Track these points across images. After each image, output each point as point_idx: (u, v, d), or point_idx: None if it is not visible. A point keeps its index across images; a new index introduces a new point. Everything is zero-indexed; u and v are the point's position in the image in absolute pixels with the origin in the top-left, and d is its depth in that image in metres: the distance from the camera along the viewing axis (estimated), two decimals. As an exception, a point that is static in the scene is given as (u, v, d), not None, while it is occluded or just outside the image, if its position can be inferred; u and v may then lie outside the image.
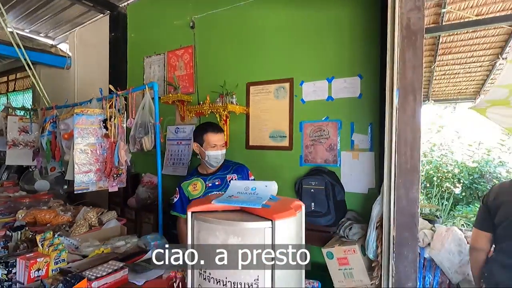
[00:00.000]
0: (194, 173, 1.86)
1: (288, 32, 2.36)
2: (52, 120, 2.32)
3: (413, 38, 1.34)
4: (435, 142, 4.28)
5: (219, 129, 1.80)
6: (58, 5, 3.50)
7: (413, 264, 1.33)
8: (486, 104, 2.44)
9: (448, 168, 4.11)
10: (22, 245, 1.46)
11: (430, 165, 4.30)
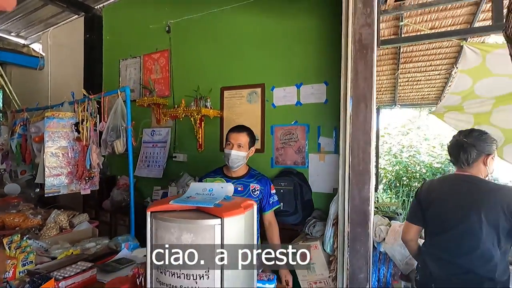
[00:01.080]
0: (219, 172, 1.79)
1: (260, 40, 2.46)
2: (23, 123, 2.30)
3: (364, 52, 1.47)
4: (404, 144, 4.55)
5: (241, 129, 1.71)
6: (30, 5, 3.44)
7: (365, 257, 1.46)
8: (444, 109, 2.65)
9: (416, 168, 4.36)
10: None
11: (400, 166, 4.55)
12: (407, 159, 4.42)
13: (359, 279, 1.46)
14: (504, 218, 1.14)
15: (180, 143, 2.86)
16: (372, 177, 1.47)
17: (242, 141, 1.64)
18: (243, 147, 1.64)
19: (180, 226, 0.82)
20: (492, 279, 1.13)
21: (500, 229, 1.14)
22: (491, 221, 1.15)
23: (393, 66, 2.89)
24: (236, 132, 1.67)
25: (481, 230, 1.16)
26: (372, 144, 1.47)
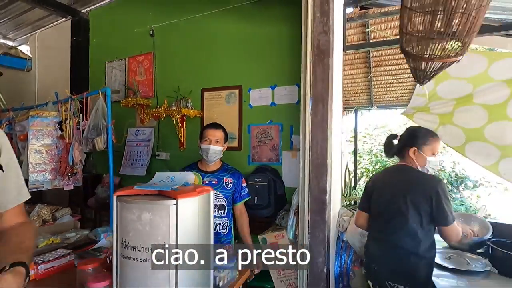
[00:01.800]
0: (194, 167, 1.91)
1: (238, 44, 2.61)
2: (8, 122, 2.39)
3: (321, 56, 1.62)
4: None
5: (216, 126, 1.87)
6: (18, 8, 3.52)
7: (323, 242, 1.60)
8: (413, 110, 2.83)
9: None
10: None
11: (380, 165, 4.73)
12: (386, 159, 4.61)
13: (318, 262, 1.60)
14: (425, 203, 1.32)
15: (163, 142, 2.98)
16: (330, 170, 1.62)
17: (219, 137, 1.80)
18: (219, 142, 1.80)
19: (140, 206, 0.95)
20: (417, 254, 1.31)
21: (422, 212, 1.32)
22: (415, 204, 1.33)
23: (365, 69, 3.06)
24: (213, 129, 1.83)
25: (407, 212, 1.33)
26: (329, 140, 1.62)
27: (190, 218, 0.99)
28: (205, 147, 1.77)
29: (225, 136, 1.88)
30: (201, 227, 1.03)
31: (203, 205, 1.05)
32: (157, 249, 0.93)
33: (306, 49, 1.63)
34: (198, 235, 1.02)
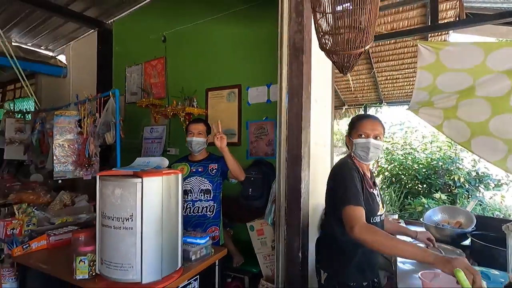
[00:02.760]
0: (184, 159, 2.13)
1: (237, 46, 2.78)
2: (41, 121, 2.79)
3: (296, 54, 1.72)
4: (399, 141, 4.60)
5: (198, 121, 2.09)
6: (55, 22, 4.03)
7: (297, 229, 1.69)
8: (417, 105, 2.80)
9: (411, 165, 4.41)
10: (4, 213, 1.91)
11: (395, 163, 4.61)
12: (403, 157, 4.47)
13: (294, 247, 1.70)
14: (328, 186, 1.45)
15: (173, 138, 3.24)
16: (305, 161, 1.71)
17: (200, 129, 2.01)
18: (201, 134, 2.01)
19: (114, 183, 1.16)
20: (332, 238, 1.42)
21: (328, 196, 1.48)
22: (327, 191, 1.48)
23: (367, 65, 3.06)
24: (195, 124, 2.04)
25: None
26: (305, 133, 1.72)
27: (154, 194, 1.17)
28: (189, 139, 1.98)
29: (207, 129, 2.07)
30: (165, 203, 1.21)
31: (169, 184, 1.23)
32: (125, 219, 1.13)
33: (282, 48, 1.75)
34: (162, 210, 1.20)
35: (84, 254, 1.25)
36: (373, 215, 1.37)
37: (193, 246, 1.44)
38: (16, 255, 1.50)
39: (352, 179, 1.30)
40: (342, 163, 1.43)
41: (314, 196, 1.89)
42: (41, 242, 1.59)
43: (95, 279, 1.22)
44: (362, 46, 0.89)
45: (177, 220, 1.28)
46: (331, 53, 0.99)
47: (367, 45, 0.89)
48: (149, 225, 1.15)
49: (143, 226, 1.13)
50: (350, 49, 0.89)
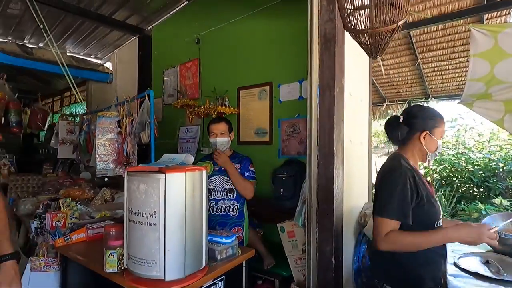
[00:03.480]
0: (208, 157, 2.11)
1: (268, 42, 2.72)
2: (87, 123, 3.01)
3: (328, 44, 1.60)
4: (450, 140, 4.14)
5: (219, 120, 2.03)
6: (101, 32, 4.35)
7: (331, 231, 1.57)
8: (471, 98, 2.50)
9: (464, 166, 3.95)
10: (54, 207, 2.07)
11: (446, 164, 4.17)
12: (454, 157, 4.01)
13: (326, 252, 1.58)
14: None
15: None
16: (338, 159, 1.59)
17: (222, 129, 1.97)
18: (224, 134, 1.97)
19: (138, 178, 1.16)
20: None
21: None
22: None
23: (411, 56, 2.79)
24: (216, 123, 2.00)
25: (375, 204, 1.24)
26: (338, 129, 1.59)
27: (177, 191, 1.15)
28: (213, 140, 1.96)
29: (228, 127, 2.01)
30: (189, 199, 1.19)
31: (192, 181, 1.20)
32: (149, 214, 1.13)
33: (312, 39, 1.65)
34: (185, 207, 1.18)
35: (114, 248, 1.28)
36: (438, 218, 1.22)
37: (218, 245, 1.41)
38: (58, 246, 1.61)
39: (402, 190, 1.14)
40: (394, 167, 1.21)
41: (349, 197, 1.76)
42: (80, 235, 1.68)
43: (123, 273, 1.25)
44: (395, 21, 0.76)
45: (201, 218, 1.25)
46: (358, 33, 0.87)
47: (400, 20, 0.77)
48: (172, 222, 1.14)
49: (166, 222, 1.12)
50: (380, 26, 0.77)
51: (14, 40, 4.34)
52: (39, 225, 1.88)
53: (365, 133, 2.03)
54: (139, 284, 1.15)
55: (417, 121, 1.26)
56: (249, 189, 1.93)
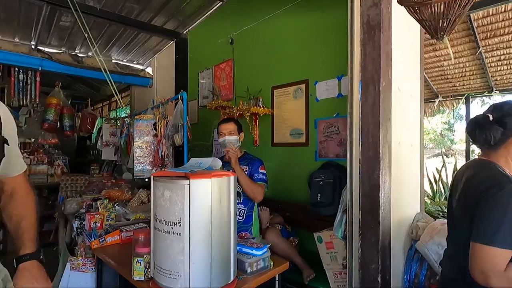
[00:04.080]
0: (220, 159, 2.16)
1: (303, 38, 2.56)
2: (127, 126, 3.12)
3: (372, 33, 1.41)
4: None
5: (227, 120, 2.04)
6: (142, 38, 4.53)
7: (376, 247, 1.37)
8: None
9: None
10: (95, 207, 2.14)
11: None
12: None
13: (371, 269, 1.39)
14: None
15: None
16: (385, 163, 1.38)
17: (231, 128, 1.96)
18: (233, 133, 1.95)
19: (163, 184, 1.10)
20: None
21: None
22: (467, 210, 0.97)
23: (471, 44, 2.41)
24: (225, 123, 1.99)
25: (464, 220, 0.97)
26: (384, 129, 1.39)
27: (203, 198, 1.07)
28: (221, 139, 1.94)
29: (237, 127, 1.99)
30: (215, 207, 1.10)
31: (219, 187, 1.11)
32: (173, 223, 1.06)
33: (353, 28, 1.46)
34: (211, 215, 1.08)
35: (141, 255, 1.24)
36: None
37: (249, 256, 1.30)
38: (94, 248, 1.63)
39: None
40: (500, 182, 0.93)
41: (397, 207, 1.54)
42: (114, 237, 1.70)
43: (149, 282, 1.20)
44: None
45: (229, 227, 1.15)
46: (418, 6, 0.69)
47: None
48: (198, 232, 1.05)
49: (190, 232, 1.04)
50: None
51: (67, 50, 4.71)
52: (79, 225, 1.95)
53: (416, 133, 1.78)
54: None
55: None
56: (257, 192, 1.84)
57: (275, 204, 2.54)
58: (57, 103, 4.31)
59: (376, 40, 1.39)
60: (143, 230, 1.37)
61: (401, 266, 1.59)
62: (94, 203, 2.33)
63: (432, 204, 2.09)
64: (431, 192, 2.56)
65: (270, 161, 2.87)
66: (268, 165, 2.88)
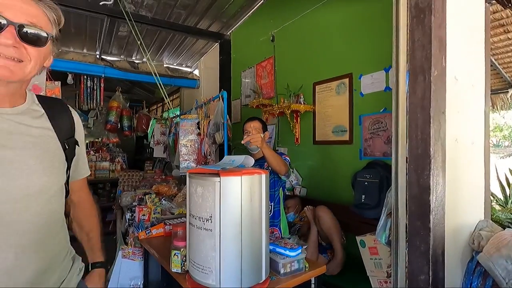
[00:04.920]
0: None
1: (346, 30, 2.42)
2: (175, 125, 3.31)
3: (421, 16, 1.25)
4: None
5: (252, 119, 2.08)
6: (189, 42, 4.77)
7: (426, 256, 1.22)
8: None
9: None
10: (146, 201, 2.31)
11: None
12: None
13: (420, 281, 1.24)
14: None
15: (282, 138, 3.18)
16: (435, 162, 1.22)
17: (256, 126, 1.99)
18: (258, 131, 1.97)
19: (196, 181, 1.13)
20: None
21: None
22: None
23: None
24: (249, 122, 2.03)
25: None
26: (434, 123, 1.23)
27: (233, 195, 1.07)
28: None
29: (262, 126, 2.04)
30: (245, 205, 1.09)
31: (250, 186, 1.10)
32: (205, 219, 1.08)
33: (399, 12, 1.32)
34: (241, 214, 1.08)
35: (178, 248, 1.29)
36: None
37: (282, 257, 1.26)
38: (141, 238, 1.76)
39: None
40: None
41: (454, 212, 1.35)
42: (159, 230, 1.80)
43: (185, 275, 1.24)
44: None
45: (261, 226, 1.14)
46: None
47: None
48: (228, 229, 1.06)
49: (221, 229, 1.05)
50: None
51: (125, 58, 5.19)
52: (131, 217, 2.12)
53: (479, 129, 1.54)
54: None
55: None
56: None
57: (316, 204, 2.45)
58: (117, 106, 4.77)
59: (426, 25, 1.24)
60: (181, 224, 1.42)
61: (458, 280, 1.40)
62: (144, 197, 2.52)
63: (502, 211, 1.81)
64: (503, 197, 2.23)
65: (312, 160, 2.79)
66: (310, 164, 2.81)
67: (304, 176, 2.87)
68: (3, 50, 0.64)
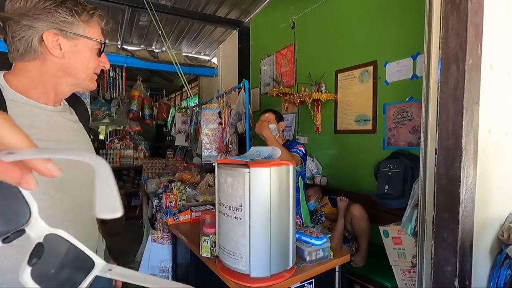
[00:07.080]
0: None
1: (370, 15, 2.34)
2: (196, 114, 3.36)
3: (457, 2, 1.19)
4: None
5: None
6: (207, 30, 4.76)
7: (453, 247, 1.21)
8: None
9: None
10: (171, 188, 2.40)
11: None
12: None
13: (446, 272, 1.24)
14: None
15: (302, 127, 3.17)
16: (466, 153, 1.20)
17: (270, 118, 2.06)
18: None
19: (226, 172, 1.17)
20: None
21: None
22: None
23: None
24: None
25: None
26: (467, 113, 1.19)
27: (262, 186, 1.10)
28: None
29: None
30: (274, 195, 1.12)
31: (278, 176, 1.13)
32: (235, 208, 1.12)
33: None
34: (270, 203, 1.11)
35: (208, 235, 1.36)
36: None
37: (308, 245, 1.30)
38: (169, 224, 1.85)
39: None
40: None
41: (484, 204, 1.33)
42: (186, 216, 1.89)
43: (215, 260, 1.31)
44: None
45: (288, 215, 1.17)
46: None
47: None
48: (258, 218, 1.10)
49: (251, 217, 1.09)
50: None
51: (145, 47, 5.27)
52: (158, 203, 2.22)
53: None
54: (228, 275, 1.18)
55: None
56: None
57: (338, 193, 2.46)
58: (139, 95, 4.89)
59: (462, 11, 1.18)
60: (209, 212, 1.48)
61: (485, 272, 1.39)
62: (169, 184, 2.62)
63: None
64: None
65: (332, 149, 2.77)
66: (331, 153, 2.80)
67: (325, 165, 2.87)
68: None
